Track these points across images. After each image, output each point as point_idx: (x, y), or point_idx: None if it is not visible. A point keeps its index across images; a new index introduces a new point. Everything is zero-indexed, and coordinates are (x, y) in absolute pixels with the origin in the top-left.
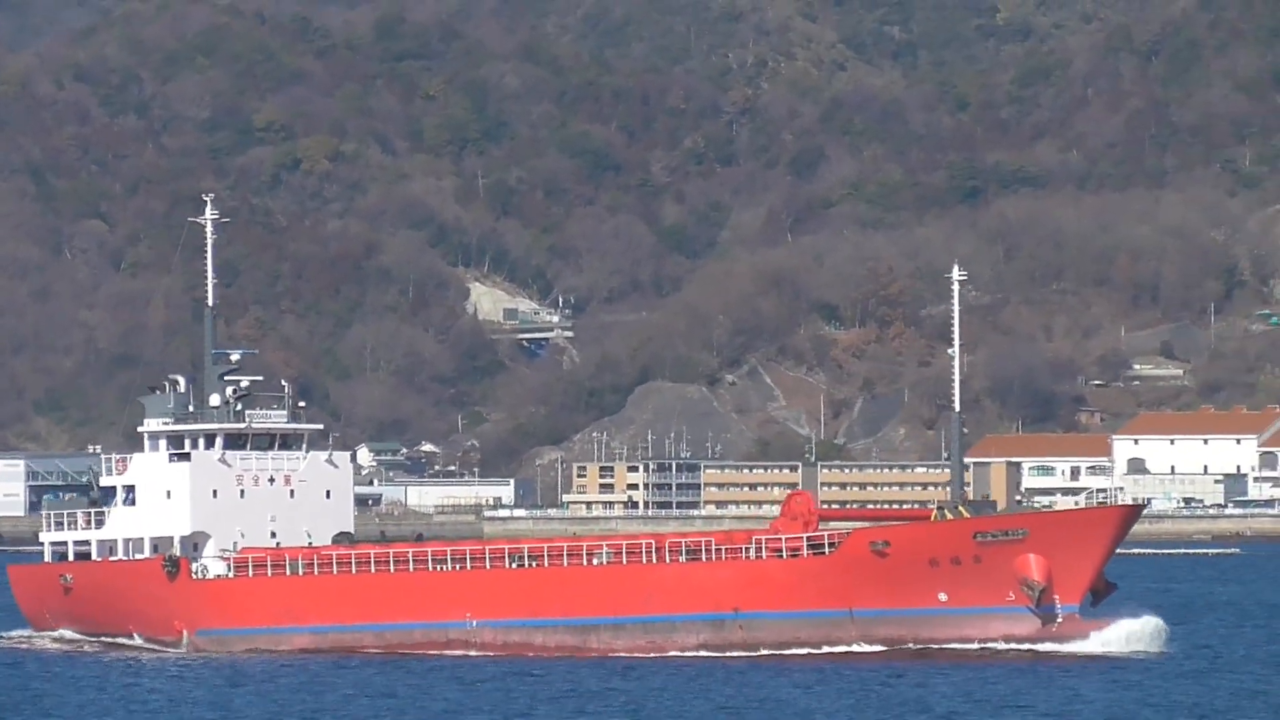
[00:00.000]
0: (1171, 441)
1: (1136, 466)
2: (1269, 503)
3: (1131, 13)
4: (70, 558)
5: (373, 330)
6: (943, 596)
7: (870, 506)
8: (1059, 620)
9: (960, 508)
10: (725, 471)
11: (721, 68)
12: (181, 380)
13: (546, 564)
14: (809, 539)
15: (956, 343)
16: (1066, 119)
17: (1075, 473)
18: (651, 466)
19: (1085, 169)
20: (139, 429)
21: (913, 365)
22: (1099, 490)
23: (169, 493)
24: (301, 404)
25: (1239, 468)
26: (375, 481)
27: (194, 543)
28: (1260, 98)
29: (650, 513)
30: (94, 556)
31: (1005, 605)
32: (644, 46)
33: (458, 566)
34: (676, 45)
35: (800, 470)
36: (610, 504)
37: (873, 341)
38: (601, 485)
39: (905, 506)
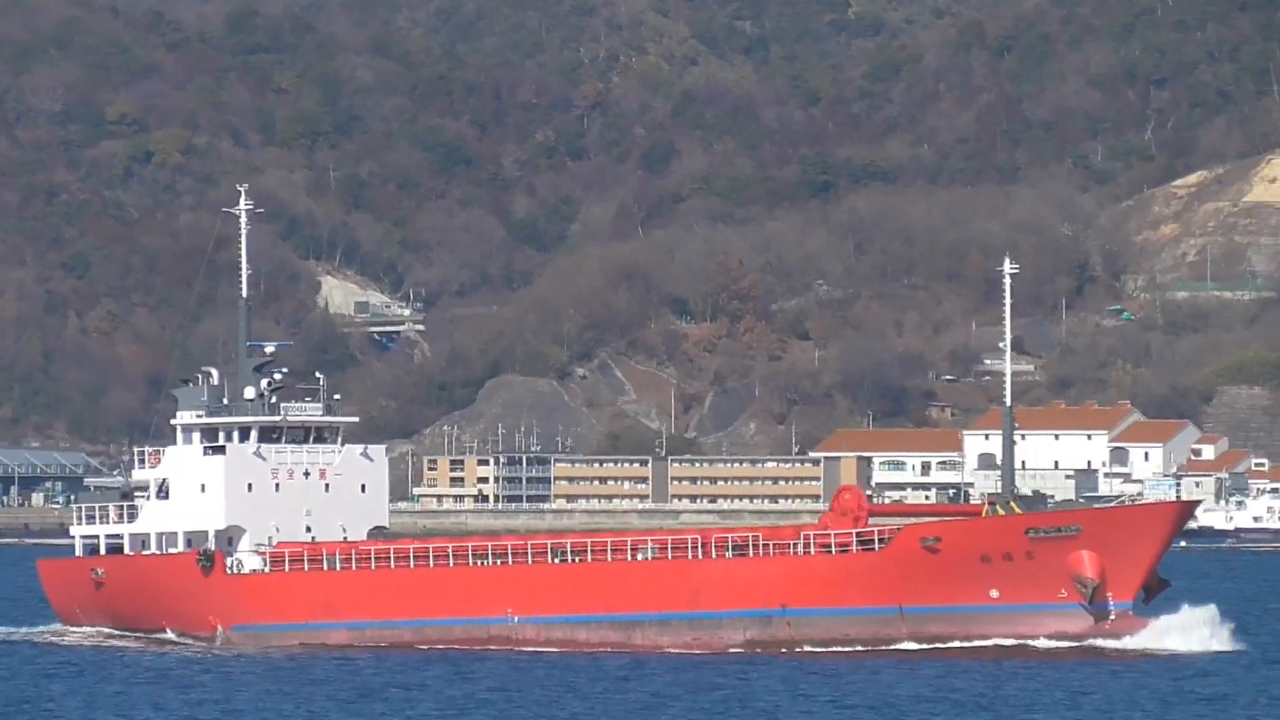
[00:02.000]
0: (1022, 437)
1: (987, 461)
2: (1119, 498)
3: (984, 8)
4: (102, 552)
5: (224, 323)
6: (994, 593)
7: (719, 501)
8: (1112, 617)
9: (1012, 503)
10: (576, 465)
11: (573, 62)
12: (215, 372)
13: (590, 559)
14: (859, 535)
15: (1008, 335)
16: (918, 114)
17: (926, 468)
18: (502, 460)
19: (937, 164)
20: (172, 422)
21: (763, 359)
22: (1136, 484)
23: (203, 486)
24: (336, 396)
25: (1090, 463)
26: None
27: (228, 537)
28: (1112, 93)
29: (501, 506)
30: (126, 550)
31: (1058, 602)
32: (495, 41)
33: (499, 562)
34: (528, 39)
35: (651, 464)
36: (461, 498)
37: (723, 336)
38: (452, 479)
39: (754, 501)
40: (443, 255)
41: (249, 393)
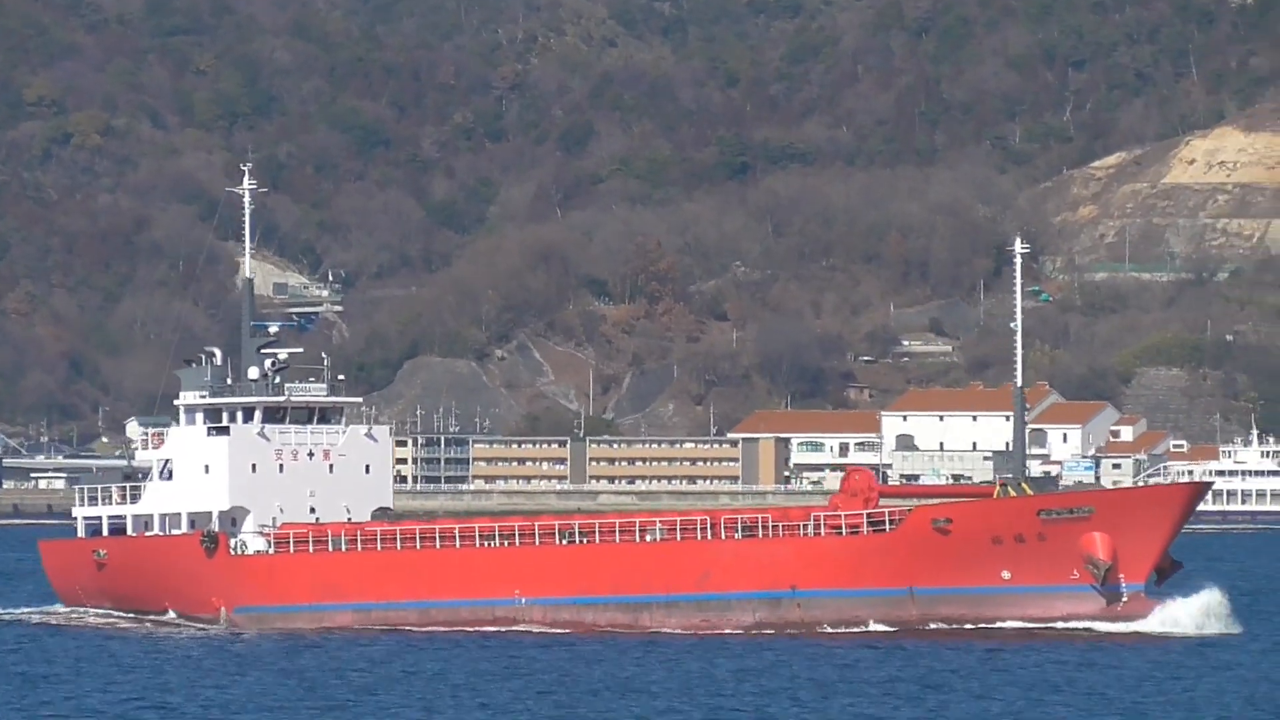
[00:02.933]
0: (940, 418)
1: (905, 443)
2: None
3: None
4: (104, 533)
5: (143, 304)
6: (1006, 575)
7: (638, 482)
8: (1124, 599)
9: (1023, 484)
10: (494, 446)
11: (491, 43)
12: (218, 353)
13: (598, 540)
14: (869, 516)
15: (1019, 315)
16: (836, 96)
17: (844, 449)
18: (420, 441)
19: (855, 146)
20: (175, 402)
21: (681, 341)
22: (1155, 467)
23: (207, 467)
24: (340, 377)
25: (1008, 444)
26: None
27: (232, 518)
28: (1031, 75)
29: (419, 487)
30: (129, 532)
31: (1070, 584)
32: (414, 22)
33: (506, 543)
34: (446, 21)
35: (569, 445)
36: None
37: (642, 317)
38: None
39: (673, 482)
40: (361, 237)
41: (253, 373)
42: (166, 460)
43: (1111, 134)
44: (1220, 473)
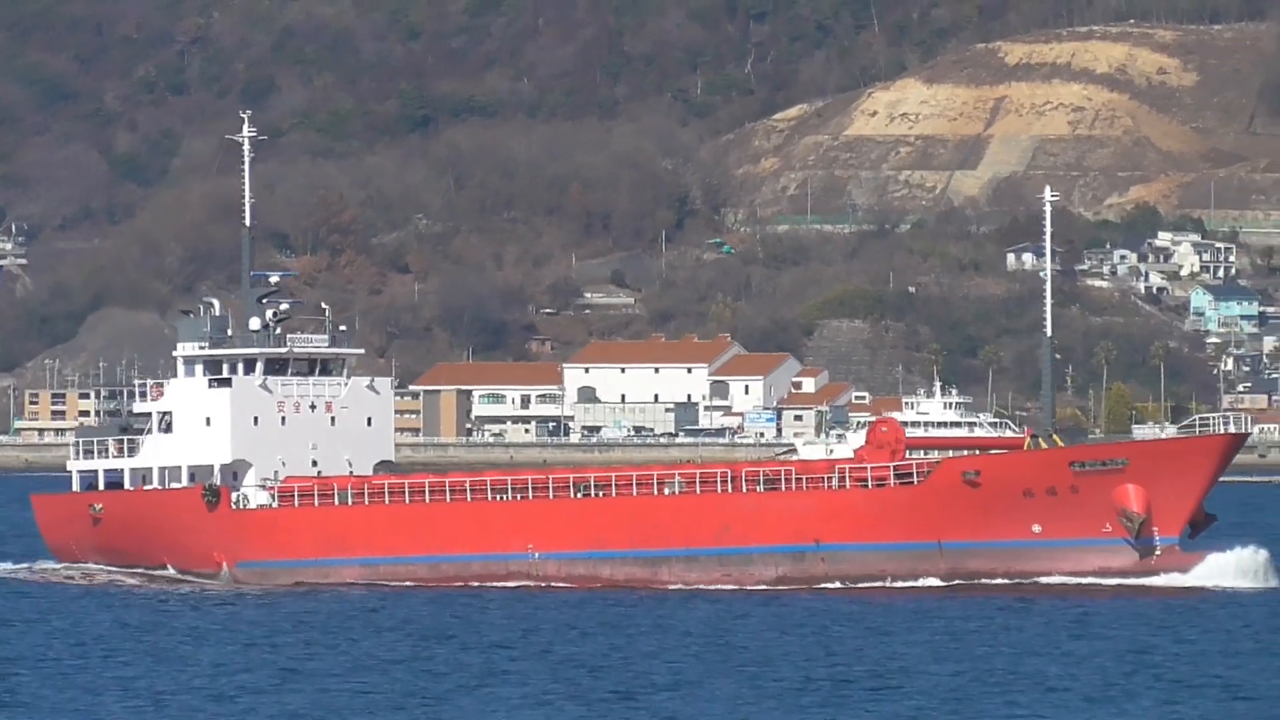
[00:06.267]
0: (622, 370)
1: (587, 395)
2: (720, 431)
3: None
4: (100, 487)
5: None
6: (1037, 528)
7: None
8: (1158, 553)
9: (1055, 436)
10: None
11: None
12: (216, 303)
13: (614, 494)
14: (896, 468)
15: (1048, 264)
16: (518, 48)
17: (526, 401)
18: (104, 393)
19: (537, 98)
20: (173, 353)
21: (363, 293)
22: (1200, 419)
23: (208, 419)
24: (342, 327)
25: (690, 397)
26: None
27: (234, 471)
28: (712, 27)
29: None
30: (126, 486)
31: (1102, 537)
32: None
33: (519, 496)
34: None
35: None
36: (62, 431)
37: (324, 269)
38: (54, 412)
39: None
40: (45, 190)
41: (254, 323)
42: (166, 412)
43: (793, 86)
44: (904, 424)
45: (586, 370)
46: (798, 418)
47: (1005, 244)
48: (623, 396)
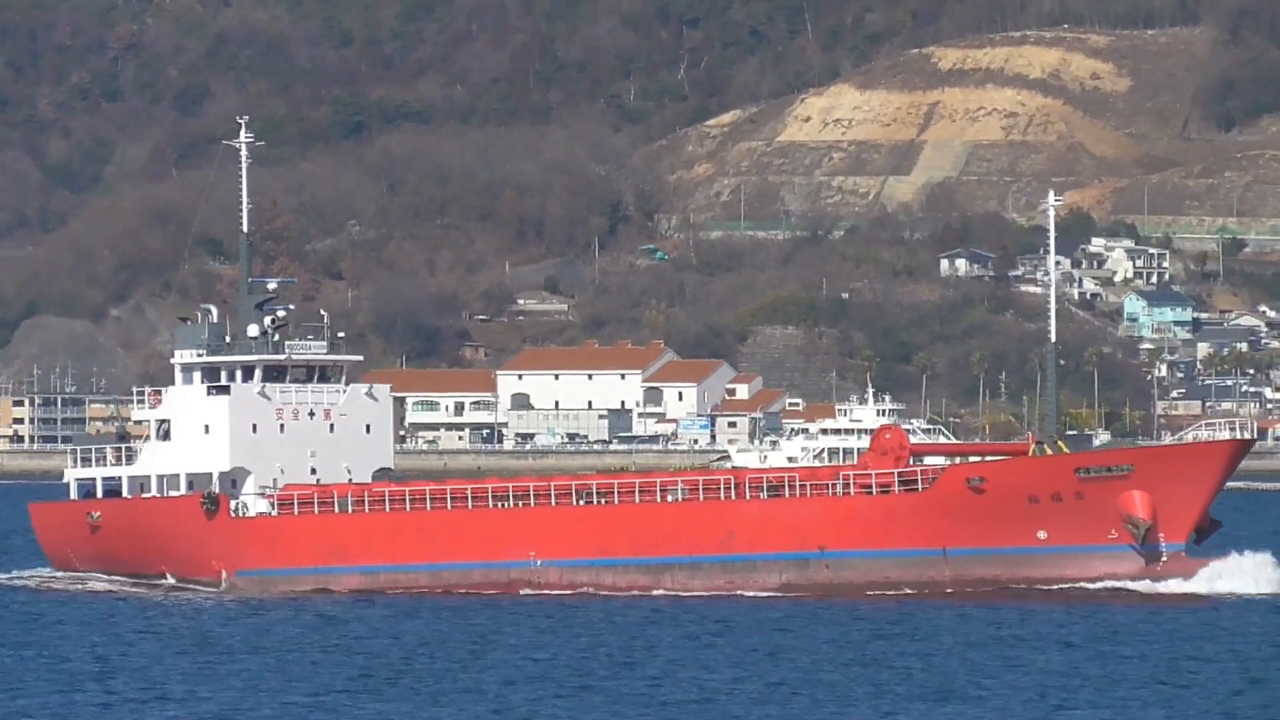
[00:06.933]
0: (556, 377)
1: (521, 402)
2: (653, 438)
3: None
4: (98, 495)
5: None
6: (1042, 535)
7: None
8: (1164, 559)
9: (1059, 443)
10: (110, 406)
11: (107, 4)
12: (214, 310)
13: (617, 501)
14: (900, 475)
15: (1052, 269)
16: (451, 54)
17: (460, 408)
18: (37, 400)
19: (470, 104)
20: (171, 360)
21: (297, 300)
22: (1209, 424)
23: (207, 427)
24: (340, 334)
25: (624, 403)
26: None
27: (232, 479)
28: (645, 33)
29: (36, 446)
30: (124, 493)
31: (1108, 544)
32: None
33: (521, 504)
34: None
35: None
36: None
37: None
38: None
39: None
40: None
41: (252, 330)
42: (164, 420)
43: (726, 92)
44: (837, 431)
45: (520, 377)
46: (732, 424)
47: (939, 250)
48: (556, 403)
